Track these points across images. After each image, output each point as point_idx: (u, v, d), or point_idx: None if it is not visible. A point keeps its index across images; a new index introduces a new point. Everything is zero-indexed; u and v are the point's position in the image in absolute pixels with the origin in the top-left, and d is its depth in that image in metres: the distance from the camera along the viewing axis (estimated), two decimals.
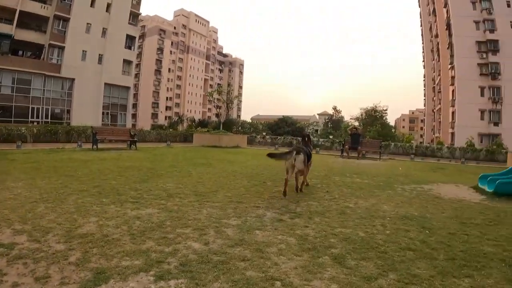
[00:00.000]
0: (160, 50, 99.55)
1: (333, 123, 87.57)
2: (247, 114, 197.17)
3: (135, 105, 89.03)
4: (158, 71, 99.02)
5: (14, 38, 35.08)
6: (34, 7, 37.00)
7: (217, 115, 53.69)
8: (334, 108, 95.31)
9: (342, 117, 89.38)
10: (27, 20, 36.73)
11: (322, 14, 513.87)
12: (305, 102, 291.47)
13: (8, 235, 3.80)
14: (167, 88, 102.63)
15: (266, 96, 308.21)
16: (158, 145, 24.10)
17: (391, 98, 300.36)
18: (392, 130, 62.63)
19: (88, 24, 41.08)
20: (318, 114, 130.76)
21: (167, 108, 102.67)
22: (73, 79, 39.84)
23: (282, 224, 4.72)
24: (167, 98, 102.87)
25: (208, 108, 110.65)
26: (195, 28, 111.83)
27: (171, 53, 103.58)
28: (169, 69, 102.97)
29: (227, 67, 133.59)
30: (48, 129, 23.10)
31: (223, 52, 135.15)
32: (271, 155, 7.56)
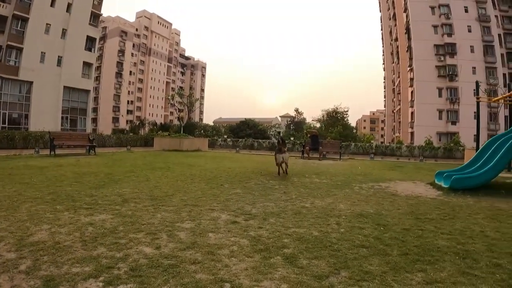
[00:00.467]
0: (121, 52, 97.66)
1: (295, 125, 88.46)
2: (210, 117, 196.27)
3: (96, 109, 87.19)
4: (119, 74, 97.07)
5: None
6: None
7: (179, 119, 53.20)
8: (296, 110, 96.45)
9: (304, 119, 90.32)
10: None
11: (285, 16, 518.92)
12: (268, 105, 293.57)
13: None
14: (129, 92, 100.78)
15: (229, 99, 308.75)
16: (118, 150, 23.70)
17: (353, 100, 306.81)
18: (354, 131, 63.82)
19: (48, 25, 39.79)
20: (281, 116, 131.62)
21: (129, 112, 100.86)
22: (31, 82, 38.47)
23: (236, 226, 4.70)
24: (129, 102, 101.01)
25: (170, 112, 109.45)
26: (158, 30, 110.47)
27: (133, 56, 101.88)
28: (131, 72, 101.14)
29: (189, 70, 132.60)
30: (5, 135, 22.29)
31: (186, 55, 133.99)
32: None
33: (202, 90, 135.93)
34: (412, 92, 54.89)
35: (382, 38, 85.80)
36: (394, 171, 14.07)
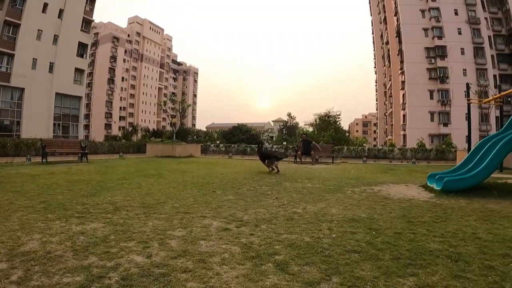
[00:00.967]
0: (113, 58, 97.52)
1: (288, 130, 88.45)
2: (202, 123, 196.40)
3: (88, 116, 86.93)
4: (111, 80, 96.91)
5: None
6: None
7: (172, 125, 53.10)
8: (289, 115, 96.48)
9: (297, 123, 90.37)
10: None
11: (277, 20, 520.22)
12: (260, 110, 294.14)
13: None
14: (121, 98, 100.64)
15: (221, 104, 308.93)
16: (111, 157, 23.60)
17: (345, 103, 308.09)
18: (346, 134, 63.90)
19: (40, 31, 39.70)
20: (273, 121, 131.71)
21: (121, 118, 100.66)
22: (23, 89, 38.29)
23: (228, 233, 4.68)
24: (121, 108, 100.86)
25: (163, 118, 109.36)
26: (149, 36, 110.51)
27: (125, 61, 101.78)
28: (123, 78, 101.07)
29: (182, 76, 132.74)
30: None
31: (178, 61, 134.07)
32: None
33: (195, 96, 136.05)
34: (404, 95, 55.31)
35: (373, 42, 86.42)
36: (387, 174, 14.10)
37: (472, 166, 9.55)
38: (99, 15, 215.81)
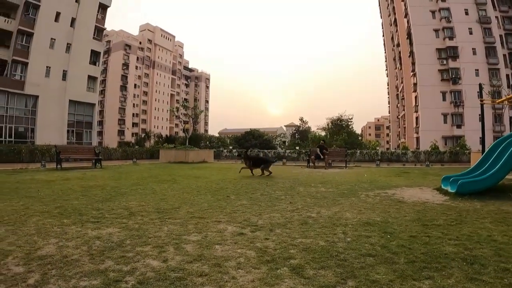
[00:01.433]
0: (126, 66, 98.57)
1: (300, 134, 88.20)
2: (215, 129, 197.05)
3: (101, 123, 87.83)
4: (124, 87, 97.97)
5: None
6: None
7: (184, 131, 53.41)
8: (301, 119, 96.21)
9: (309, 128, 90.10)
10: None
11: (287, 26, 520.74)
12: (272, 115, 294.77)
13: None
14: (133, 104, 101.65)
15: (234, 110, 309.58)
16: (124, 163, 23.80)
17: (357, 107, 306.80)
18: (359, 138, 63.65)
19: (52, 39, 40.37)
20: (285, 126, 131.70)
21: (134, 125, 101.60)
22: (37, 96, 38.94)
23: (243, 238, 4.68)
24: (134, 115, 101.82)
25: (175, 124, 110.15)
26: (161, 43, 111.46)
27: (137, 69, 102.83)
28: (135, 85, 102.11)
29: (193, 82, 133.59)
30: (11, 149, 22.57)
31: (189, 67, 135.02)
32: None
33: (207, 102, 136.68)
34: (416, 97, 54.88)
35: (384, 44, 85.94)
36: (400, 178, 14.00)
37: (487, 168, 9.45)
38: (111, 23, 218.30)
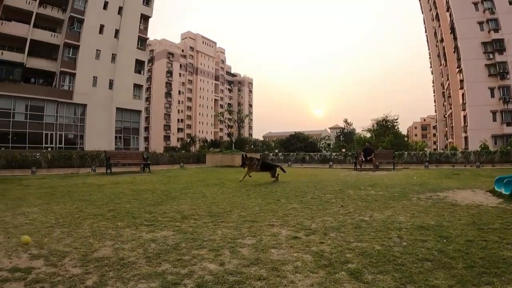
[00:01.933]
0: (169, 73, 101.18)
1: (345, 136, 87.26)
2: (258, 132, 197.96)
3: (147, 128, 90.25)
4: (169, 94, 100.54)
5: (26, 66, 36.27)
6: (44, 36, 38.28)
7: (229, 135, 54.07)
8: (345, 121, 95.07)
9: (354, 130, 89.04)
10: (38, 49, 37.95)
11: (328, 28, 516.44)
12: (316, 117, 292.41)
13: (25, 260, 3.86)
14: (178, 110, 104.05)
15: (277, 114, 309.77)
16: (172, 167, 24.25)
17: (403, 107, 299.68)
18: (405, 139, 62.10)
19: (98, 51, 42.06)
20: (330, 128, 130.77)
21: (179, 130, 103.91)
22: (85, 105, 40.72)
23: (297, 241, 4.67)
24: (179, 120, 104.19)
25: (220, 128, 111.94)
26: (203, 50, 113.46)
27: (180, 75, 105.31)
28: (179, 91, 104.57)
29: (236, 87, 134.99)
30: (62, 155, 23.55)
31: (232, 72, 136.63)
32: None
33: (250, 106, 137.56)
34: (463, 94, 52.72)
35: (427, 40, 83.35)
36: (451, 179, 13.52)
37: None
38: (153, 33, 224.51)
